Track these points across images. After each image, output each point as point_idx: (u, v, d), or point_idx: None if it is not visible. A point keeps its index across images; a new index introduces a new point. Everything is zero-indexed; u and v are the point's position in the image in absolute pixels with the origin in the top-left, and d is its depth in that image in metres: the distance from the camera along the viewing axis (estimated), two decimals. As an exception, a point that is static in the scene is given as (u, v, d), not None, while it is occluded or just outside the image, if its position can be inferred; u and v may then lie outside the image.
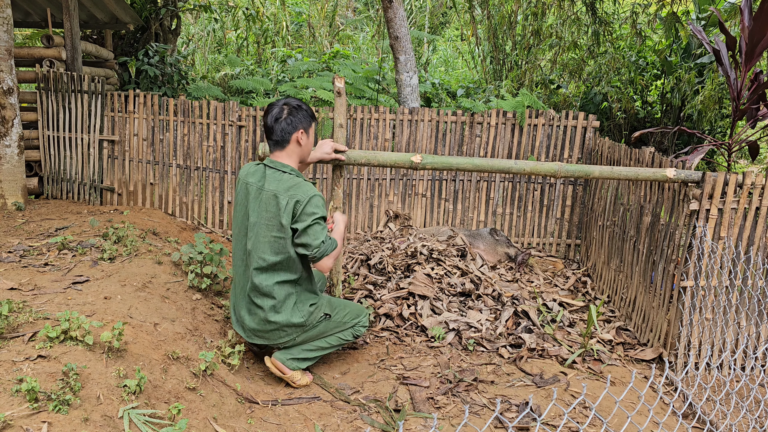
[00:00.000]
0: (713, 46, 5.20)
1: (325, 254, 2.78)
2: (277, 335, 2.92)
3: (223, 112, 5.31)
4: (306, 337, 2.98)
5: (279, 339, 2.93)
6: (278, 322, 2.86)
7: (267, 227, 2.79)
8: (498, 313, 3.94)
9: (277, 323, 2.87)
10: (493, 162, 3.30)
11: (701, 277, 3.32)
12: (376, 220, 5.48)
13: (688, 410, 3.00)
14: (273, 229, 2.79)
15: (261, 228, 2.81)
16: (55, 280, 3.25)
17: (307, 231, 2.74)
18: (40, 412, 1.97)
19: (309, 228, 2.75)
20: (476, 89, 8.94)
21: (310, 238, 2.75)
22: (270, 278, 2.83)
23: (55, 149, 5.62)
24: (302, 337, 2.96)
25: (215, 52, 12.18)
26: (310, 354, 3.02)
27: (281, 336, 2.92)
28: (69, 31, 5.90)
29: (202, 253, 3.67)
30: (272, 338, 2.93)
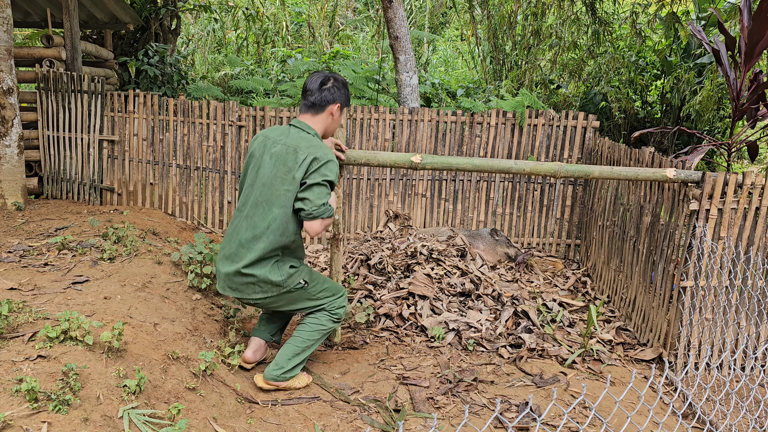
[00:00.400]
0: (713, 46, 5.20)
1: (320, 216, 2.73)
2: (252, 289, 2.82)
3: (223, 112, 5.31)
4: (279, 302, 2.88)
5: (253, 294, 2.83)
6: (256, 275, 2.78)
7: (282, 180, 2.76)
8: (498, 313, 3.94)
9: (255, 276, 2.78)
10: (493, 162, 3.30)
11: (701, 277, 3.32)
12: (376, 220, 5.48)
13: (688, 410, 3.00)
14: (286, 183, 2.76)
15: (276, 181, 2.77)
16: (55, 280, 3.25)
17: (313, 189, 2.72)
18: (40, 412, 1.97)
19: (316, 186, 2.72)
20: (476, 89, 8.94)
21: (314, 195, 2.71)
22: (263, 233, 2.77)
23: (55, 149, 5.62)
24: (275, 300, 2.86)
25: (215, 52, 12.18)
26: (297, 359, 2.93)
27: (255, 291, 2.82)
28: (69, 31, 5.90)
29: (202, 253, 3.67)
30: (246, 292, 2.83)
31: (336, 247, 3.40)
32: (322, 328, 3.00)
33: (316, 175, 2.73)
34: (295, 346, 2.93)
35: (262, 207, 2.79)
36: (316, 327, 2.99)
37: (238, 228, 2.84)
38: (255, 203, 2.81)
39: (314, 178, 2.72)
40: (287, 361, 2.90)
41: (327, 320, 3.01)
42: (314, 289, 2.95)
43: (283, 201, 2.77)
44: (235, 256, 2.82)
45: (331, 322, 3.03)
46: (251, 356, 3.07)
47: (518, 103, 5.53)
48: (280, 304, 2.91)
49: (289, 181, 2.75)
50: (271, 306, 2.94)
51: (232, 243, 2.85)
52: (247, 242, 2.79)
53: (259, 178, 2.82)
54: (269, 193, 2.78)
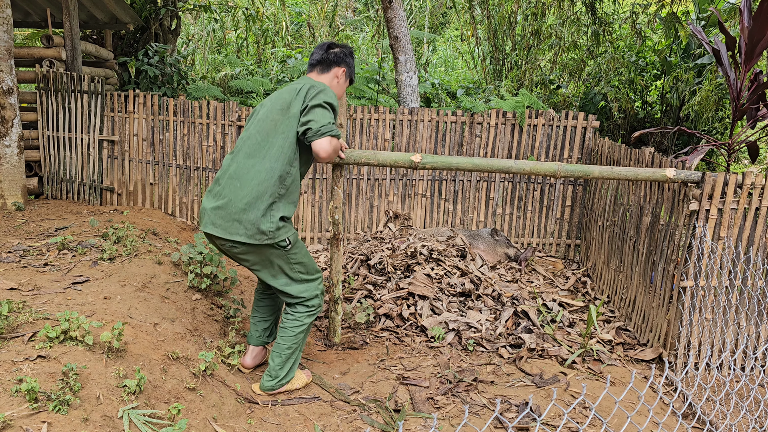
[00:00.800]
0: (713, 46, 5.20)
1: (328, 133, 2.61)
2: (236, 228, 2.63)
3: (223, 112, 5.31)
4: (255, 256, 2.71)
5: (235, 233, 2.63)
6: (246, 218, 2.63)
7: (280, 111, 2.71)
8: (498, 313, 3.94)
9: (243, 215, 2.63)
10: (493, 162, 3.30)
11: (701, 277, 3.32)
12: (376, 220, 5.48)
13: (688, 410, 3.00)
14: (283, 113, 2.71)
15: (273, 113, 2.72)
16: (55, 280, 3.25)
17: (315, 110, 2.64)
18: (39, 412, 1.97)
19: (318, 107, 2.65)
20: (476, 89, 8.95)
21: (317, 116, 2.63)
22: (259, 164, 2.66)
23: (55, 149, 5.62)
24: (253, 252, 2.69)
25: (215, 52, 12.18)
26: (288, 365, 2.85)
27: (238, 230, 2.63)
28: (69, 31, 5.90)
29: (201, 253, 3.67)
30: (230, 230, 2.64)
31: (336, 247, 3.40)
32: (302, 326, 2.86)
33: (316, 99, 2.67)
34: (281, 354, 2.84)
35: (258, 138, 2.70)
36: (297, 328, 2.85)
37: (231, 164, 2.73)
38: (249, 138, 2.74)
39: (315, 101, 2.65)
40: (279, 371, 2.85)
41: (305, 316, 2.87)
42: (294, 256, 2.79)
43: (281, 128, 2.69)
44: (222, 192, 2.69)
45: (310, 317, 2.89)
46: (250, 362, 3.06)
47: (518, 103, 5.53)
48: (255, 260, 2.74)
49: (286, 111, 2.70)
50: (245, 259, 2.74)
51: (222, 179, 2.74)
52: (241, 173, 2.67)
53: (256, 119, 2.76)
54: (266, 126, 2.71)
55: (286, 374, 2.87)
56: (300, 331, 2.86)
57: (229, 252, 2.74)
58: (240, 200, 2.63)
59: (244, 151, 2.72)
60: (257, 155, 2.67)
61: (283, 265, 2.78)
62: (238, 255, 2.73)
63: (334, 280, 3.44)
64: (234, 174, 2.68)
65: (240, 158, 2.71)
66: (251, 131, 2.75)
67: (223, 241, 2.69)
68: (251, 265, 2.78)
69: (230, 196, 2.65)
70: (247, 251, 2.70)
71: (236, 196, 2.64)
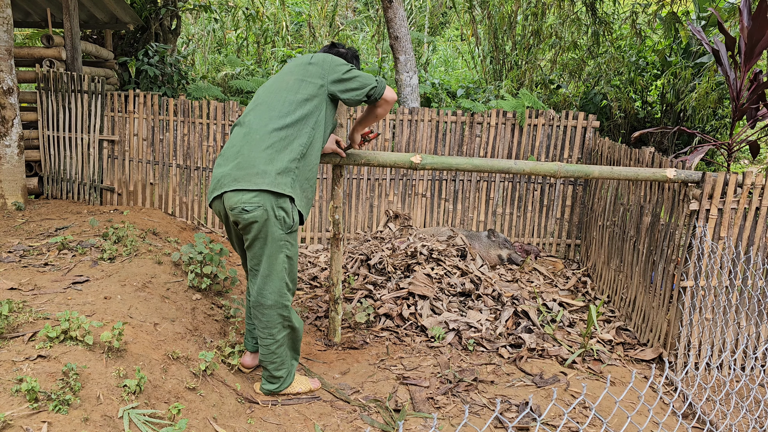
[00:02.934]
0: (713, 46, 5.20)
1: (383, 88, 2.71)
2: (261, 179, 2.51)
3: (223, 112, 5.31)
4: (258, 231, 2.57)
5: (261, 182, 2.51)
6: (270, 168, 2.52)
7: (288, 73, 2.69)
8: (498, 313, 3.94)
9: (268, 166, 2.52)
10: (493, 162, 3.30)
11: (701, 277, 3.32)
12: (376, 220, 5.48)
13: (688, 410, 3.00)
14: (294, 74, 2.68)
15: (281, 76, 2.70)
16: (55, 280, 3.25)
17: (357, 77, 2.69)
18: (40, 412, 1.97)
19: (352, 71, 2.70)
20: (476, 89, 8.94)
21: (364, 79, 2.69)
22: (275, 120, 2.60)
23: (55, 149, 5.62)
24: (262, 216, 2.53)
25: (215, 52, 12.18)
26: (281, 370, 2.79)
27: (264, 179, 2.51)
28: (69, 31, 5.90)
29: (202, 253, 3.67)
30: (254, 180, 2.51)
31: (336, 247, 3.40)
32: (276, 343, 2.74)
33: (339, 66, 2.70)
34: (270, 364, 2.77)
35: (273, 98, 2.65)
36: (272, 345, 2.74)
37: (244, 125, 2.65)
38: (260, 101, 2.68)
39: (343, 67, 2.70)
40: (274, 377, 2.80)
41: (277, 330, 2.73)
42: (289, 246, 2.66)
43: (295, 88, 2.65)
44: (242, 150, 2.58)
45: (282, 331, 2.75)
46: (249, 362, 3.04)
47: (518, 103, 5.54)
48: (257, 230, 2.57)
49: (299, 72, 2.68)
50: (251, 223, 2.56)
51: (234, 143, 2.63)
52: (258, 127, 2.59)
53: (264, 89, 2.72)
54: (275, 88, 2.67)
55: (284, 380, 2.83)
56: (277, 347, 2.74)
57: (238, 217, 2.56)
58: (262, 151, 2.55)
59: (255, 113, 2.66)
60: (271, 112, 2.62)
61: (275, 248, 2.62)
62: (247, 219, 2.54)
63: (334, 280, 3.44)
64: (250, 131, 2.61)
65: (251, 118, 2.64)
66: (260, 98, 2.70)
67: (242, 197, 2.52)
68: (251, 237, 2.61)
69: (248, 151, 2.56)
70: (256, 217, 2.53)
71: (258, 147, 2.55)
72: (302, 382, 2.93)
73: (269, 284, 2.67)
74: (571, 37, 9.16)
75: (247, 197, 2.52)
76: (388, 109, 2.85)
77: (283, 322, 2.74)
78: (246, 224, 2.59)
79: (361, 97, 2.72)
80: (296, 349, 2.90)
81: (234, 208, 2.56)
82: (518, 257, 4.98)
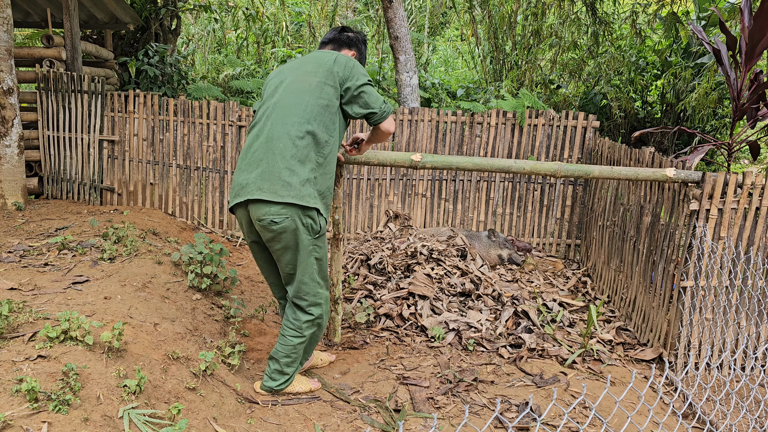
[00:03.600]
0: (713, 46, 5.19)
1: (390, 112, 2.69)
2: (286, 190, 2.48)
3: (223, 112, 5.31)
4: (289, 235, 2.56)
5: (286, 194, 2.49)
6: (294, 180, 2.50)
7: (310, 73, 2.61)
8: (498, 313, 3.94)
9: (291, 177, 2.50)
10: (493, 161, 3.30)
11: (701, 277, 3.32)
12: (376, 220, 5.48)
13: (688, 410, 3.00)
14: (316, 75, 2.60)
15: (302, 75, 2.62)
16: (55, 280, 3.25)
17: (366, 90, 2.64)
18: (40, 412, 1.97)
19: (367, 86, 2.64)
20: (476, 89, 8.94)
21: (372, 98, 2.65)
22: (297, 125, 2.55)
23: (55, 149, 5.62)
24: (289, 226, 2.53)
25: (215, 52, 12.18)
26: (287, 369, 2.79)
27: (289, 192, 2.49)
28: (69, 31, 5.90)
29: (202, 253, 3.67)
30: (279, 192, 2.49)
31: (336, 247, 3.40)
32: (301, 338, 2.77)
33: (360, 78, 2.64)
34: (278, 361, 2.79)
35: (291, 99, 2.58)
36: (295, 338, 2.77)
37: (263, 130, 2.60)
38: (278, 103, 2.61)
39: (360, 80, 2.63)
40: (276, 375, 2.80)
41: (306, 326, 2.77)
42: (318, 249, 2.70)
43: (317, 92, 2.59)
44: (264, 157, 2.54)
45: (310, 328, 2.78)
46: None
47: (518, 103, 5.54)
48: (286, 239, 2.58)
49: (322, 73, 2.60)
50: (279, 233, 2.56)
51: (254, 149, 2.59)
52: (280, 134, 2.54)
53: (281, 87, 2.65)
54: (296, 88, 2.60)
55: (289, 378, 2.83)
56: (299, 342, 2.77)
57: (266, 228, 2.56)
58: (285, 161, 2.51)
59: (276, 115, 2.59)
60: (292, 116, 2.56)
61: (306, 254, 2.64)
62: (276, 230, 2.55)
63: (334, 280, 3.44)
64: (271, 136, 2.55)
65: (272, 122, 2.59)
66: (279, 97, 2.63)
67: (269, 209, 2.52)
68: (280, 247, 2.61)
69: (272, 158, 2.52)
70: (285, 227, 2.54)
71: (280, 156, 2.52)
72: (302, 381, 2.93)
73: (304, 287, 2.73)
74: (571, 37, 9.16)
75: (275, 209, 2.52)
76: (383, 139, 2.85)
77: (315, 320, 2.79)
78: (275, 234, 2.59)
79: (359, 115, 2.69)
80: (310, 351, 2.91)
81: (262, 219, 2.56)
82: (518, 257, 4.98)
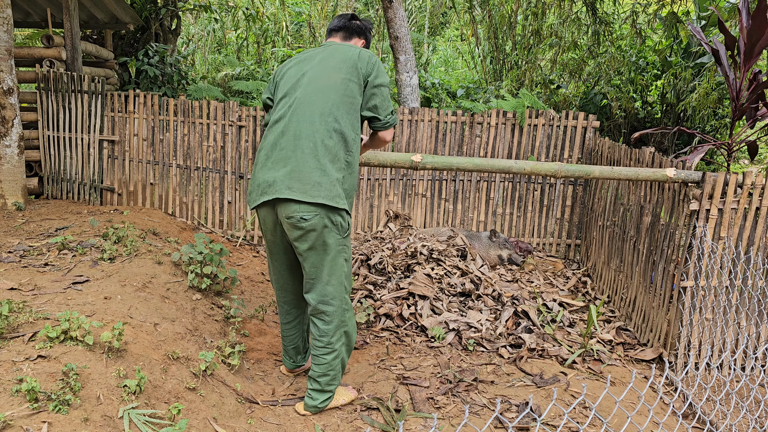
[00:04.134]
0: (712, 46, 5.19)
1: (394, 124, 2.65)
2: (317, 190, 2.43)
3: (223, 112, 5.31)
4: (317, 234, 2.50)
5: (317, 195, 2.43)
6: (325, 180, 2.44)
7: (336, 69, 2.54)
8: (498, 313, 3.94)
9: (323, 177, 2.44)
10: (494, 162, 3.30)
11: (701, 277, 3.32)
12: (376, 220, 5.48)
13: (688, 410, 3.00)
14: (342, 72, 2.53)
15: (327, 72, 2.54)
16: (55, 280, 3.25)
17: (381, 93, 2.58)
18: (40, 412, 1.97)
19: (383, 88, 2.58)
20: (476, 89, 8.95)
21: (383, 102, 2.59)
22: (324, 122, 2.48)
23: (55, 149, 5.62)
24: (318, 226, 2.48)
25: (215, 53, 12.18)
26: (328, 387, 2.70)
27: (320, 192, 2.43)
28: (69, 31, 5.90)
29: (202, 253, 3.67)
30: (310, 192, 2.43)
31: (336, 247, 3.39)
32: (334, 353, 2.67)
33: (380, 78, 2.58)
34: (318, 380, 2.69)
35: (316, 97, 2.51)
36: (328, 355, 2.67)
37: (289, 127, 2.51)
38: (302, 99, 2.52)
39: (379, 80, 2.58)
40: (319, 394, 2.71)
41: (336, 337, 2.67)
42: (346, 248, 2.63)
43: (343, 90, 2.51)
44: (292, 155, 2.47)
45: (340, 339, 2.68)
46: None
47: (518, 103, 5.54)
48: (313, 238, 2.51)
49: (347, 70, 2.54)
50: (308, 232, 2.50)
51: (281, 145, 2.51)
52: (307, 133, 2.47)
53: (304, 82, 2.56)
54: (322, 85, 2.52)
55: (328, 398, 2.72)
56: (332, 358, 2.66)
57: (296, 225, 2.49)
58: (316, 160, 2.45)
59: (301, 112, 2.51)
60: (318, 113, 2.49)
61: (334, 253, 2.57)
62: (306, 228, 2.49)
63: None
64: (299, 134, 2.48)
65: (298, 119, 2.50)
66: (304, 93, 2.54)
67: (299, 207, 2.46)
68: (308, 246, 2.54)
69: (302, 157, 2.46)
70: (315, 225, 2.48)
71: (311, 156, 2.45)
72: (342, 392, 2.83)
73: (330, 290, 2.62)
74: (571, 36, 9.16)
75: (305, 207, 2.47)
76: (379, 147, 2.82)
77: (342, 327, 2.67)
78: (304, 233, 2.51)
79: (365, 116, 2.63)
80: (345, 362, 2.78)
81: (291, 216, 2.49)
82: (518, 257, 4.98)
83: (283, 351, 3.05)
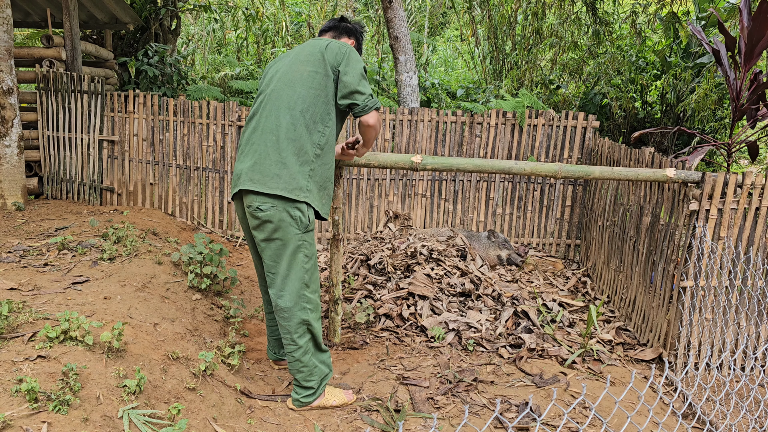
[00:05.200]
0: (713, 46, 5.19)
1: (375, 107, 2.58)
2: (275, 182, 2.50)
3: (223, 112, 5.31)
4: (275, 227, 2.53)
5: (275, 186, 2.50)
6: (285, 172, 2.50)
7: (303, 62, 2.58)
8: (498, 313, 3.94)
9: (282, 169, 2.50)
10: (494, 162, 3.30)
11: (701, 277, 3.32)
12: (376, 221, 5.48)
13: (688, 410, 3.00)
14: (309, 65, 2.57)
15: (295, 65, 2.59)
16: (55, 280, 3.25)
17: (356, 78, 2.54)
18: (40, 412, 1.97)
19: (357, 74, 2.55)
20: (476, 89, 8.95)
21: (361, 87, 2.55)
22: (289, 115, 2.54)
23: (55, 149, 5.62)
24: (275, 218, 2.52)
25: (215, 53, 12.18)
26: (310, 380, 2.69)
27: (278, 183, 2.50)
28: (69, 31, 5.90)
29: (201, 254, 3.67)
30: (268, 184, 2.50)
31: (336, 247, 3.40)
32: (299, 348, 2.66)
33: (352, 63, 2.56)
34: (298, 372, 2.71)
35: (285, 91, 2.57)
36: (296, 352, 2.67)
37: (260, 121, 2.60)
38: (272, 93, 2.60)
39: (353, 66, 2.55)
40: (302, 388, 2.73)
41: (299, 336, 2.65)
42: (307, 246, 2.61)
43: (309, 82, 2.55)
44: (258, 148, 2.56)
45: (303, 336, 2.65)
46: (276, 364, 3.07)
47: (518, 103, 5.54)
48: (270, 230, 2.55)
49: (314, 63, 2.56)
50: (265, 223, 2.54)
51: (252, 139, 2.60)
52: (272, 126, 2.55)
53: (275, 77, 2.64)
54: (291, 77, 2.58)
55: (315, 390, 2.73)
56: (301, 354, 2.66)
57: (253, 215, 2.56)
58: (277, 153, 2.52)
59: (270, 107, 2.58)
60: (285, 107, 2.55)
61: (293, 248, 2.57)
62: (261, 218, 2.53)
63: (334, 280, 3.44)
64: (265, 128, 2.56)
65: (267, 113, 2.58)
66: (273, 87, 2.61)
67: (256, 198, 2.53)
68: (265, 237, 2.57)
69: (264, 150, 2.54)
70: (271, 216, 2.52)
71: (273, 149, 2.53)
72: (336, 394, 2.81)
73: (288, 285, 2.61)
74: (571, 36, 9.16)
75: (261, 198, 2.53)
76: (369, 135, 2.74)
77: (304, 325, 2.64)
78: (260, 223, 2.56)
79: (343, 105, 2.59)
80: (321, 359, 2.75)
81: (249, 206, 2.58)
82: (518, 258, 4.98)
83: (267, 342, 3.10)
